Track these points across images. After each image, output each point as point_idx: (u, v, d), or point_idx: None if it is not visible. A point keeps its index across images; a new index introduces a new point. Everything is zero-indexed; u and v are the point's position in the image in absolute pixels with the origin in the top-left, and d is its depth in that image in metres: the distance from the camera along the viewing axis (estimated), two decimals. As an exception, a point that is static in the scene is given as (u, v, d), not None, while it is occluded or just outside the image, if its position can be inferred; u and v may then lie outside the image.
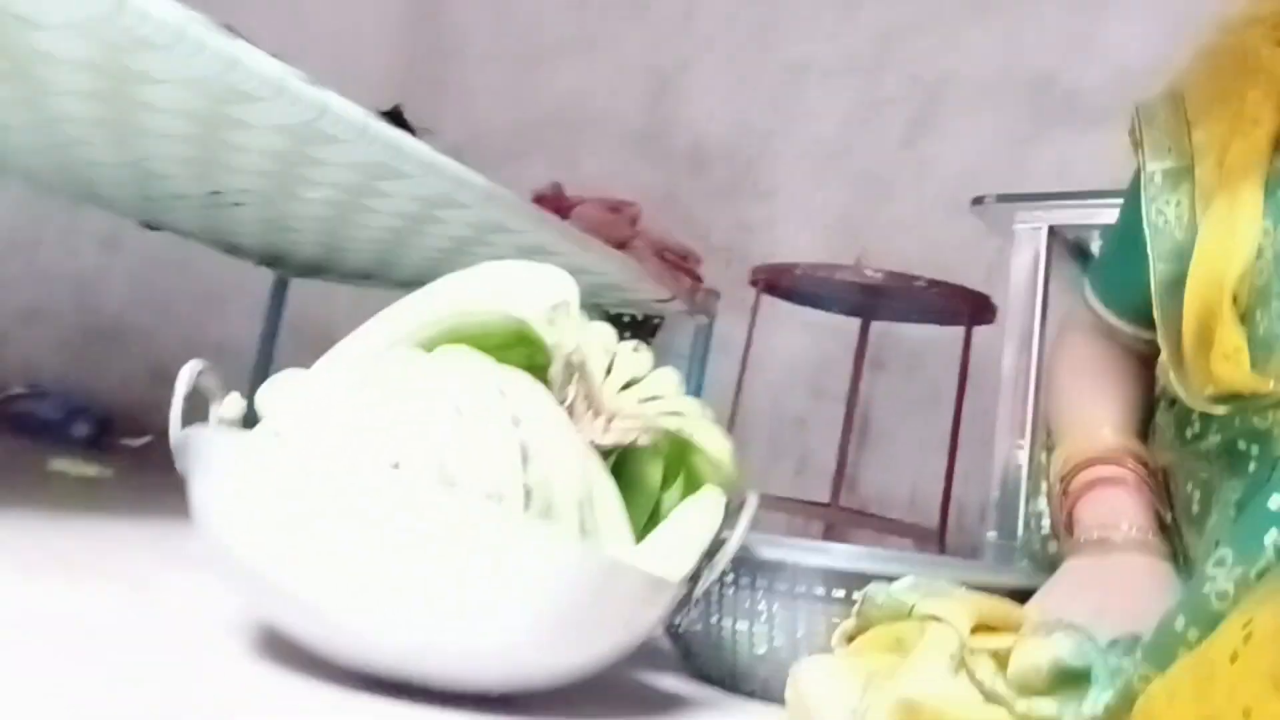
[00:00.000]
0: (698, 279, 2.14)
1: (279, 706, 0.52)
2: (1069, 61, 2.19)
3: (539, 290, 0.67)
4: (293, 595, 0.55)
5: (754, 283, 2.00)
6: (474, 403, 0.55)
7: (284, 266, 2.26)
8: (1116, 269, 0.82)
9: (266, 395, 0.59)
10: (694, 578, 0.65)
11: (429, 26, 3.26)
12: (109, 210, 1.85)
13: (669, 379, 0.72)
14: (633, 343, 0.74)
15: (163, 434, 0.63)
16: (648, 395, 0.70)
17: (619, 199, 2.19)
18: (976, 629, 0.63)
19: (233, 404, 0.62)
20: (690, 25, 2.78)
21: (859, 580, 0.72)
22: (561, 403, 0.63)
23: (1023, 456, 1.65)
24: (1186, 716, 0.47)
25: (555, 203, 2.01)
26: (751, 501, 0.70)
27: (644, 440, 0.65)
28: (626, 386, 0.71)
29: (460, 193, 1.31)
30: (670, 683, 0.83)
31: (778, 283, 1.99)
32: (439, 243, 1.58)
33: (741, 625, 0.81)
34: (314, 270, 2.21)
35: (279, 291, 2.37)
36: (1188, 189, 0.70)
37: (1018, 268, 1.47)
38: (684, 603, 0.64)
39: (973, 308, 1.88)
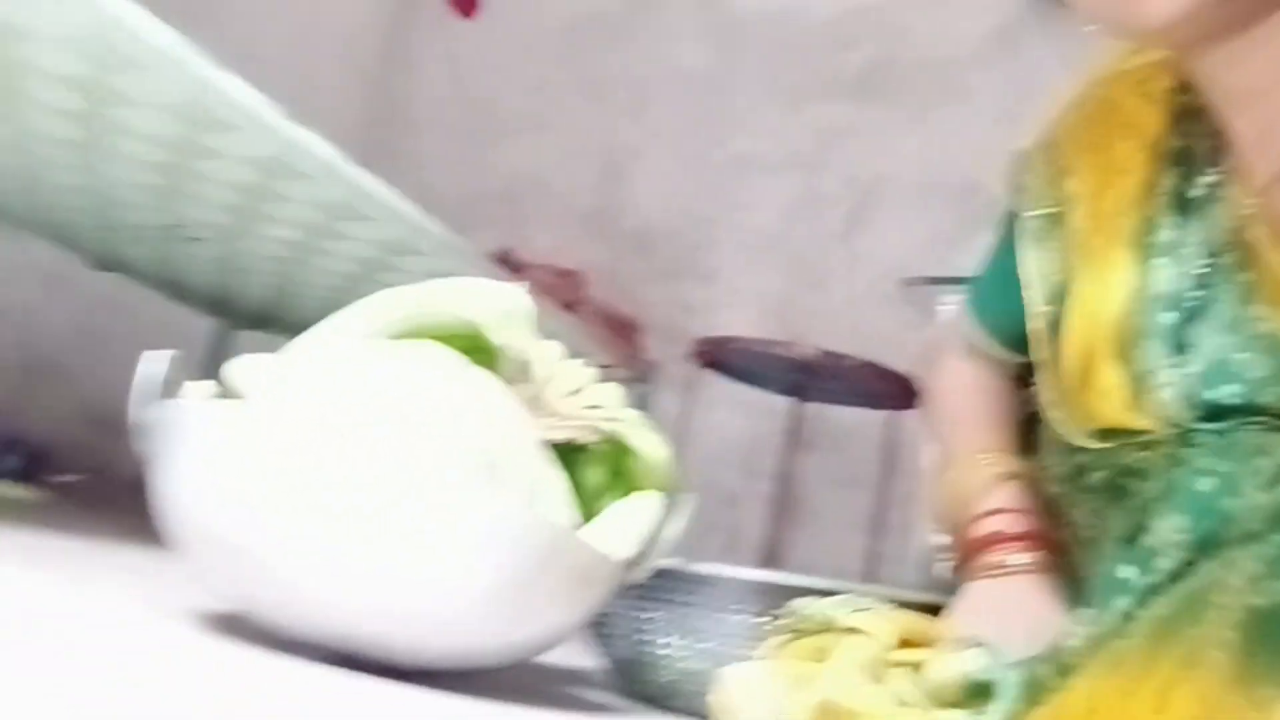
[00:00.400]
0: (641, 348, 2.20)
1: (235, 682, 0.55)
2: (993, 171, 2.34)
3: (493, 300, 0.72)
4: (258, 561, 0.57)
5: (694, 355, 2.07)
6: (435, 379, 0.59)
7: (230, 314, 2.27)
8: (992, 301, 0.86)
9: (232, 371, 0.62)
10: (630, 568, 0.69)
11: (386, 95, 3.35)
12: (60, 242, 1.86)
13: (611, 391, 0.77)
14: (579, 359, 0.79)
15: (96, 472, 0.66)
16: (591, 403, 0.75)
17: (567, 268, 2.26)
18: (899, 644, 0.68)
19: (195, 388, 0.65)
20: (642, 114, 2.91)
21: (788, 596, 0.77)
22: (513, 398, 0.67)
23: (941, 539, 1.72)
24: None
25: (505, 267, 2.07)
26: (688, 502, 0.74)
27: (586, 438, 0.69)
28: (570, 395, 0.75)
29: (419, 240, 1.36)
30: (601, 698, 0.86)
31: (717, 356, 2.06)
32: (390, 292, 1.62)
33: (671, 642, 0.85)
34: (260, 320, 2.23)
35: (221, 343, 2.38)
36: (1061, 234, 0.74)
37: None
38: (620, 591, 0.68)
39: (898, 390, 1.97)
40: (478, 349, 0.70)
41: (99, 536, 1.21)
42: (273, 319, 2.17)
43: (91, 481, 2.15)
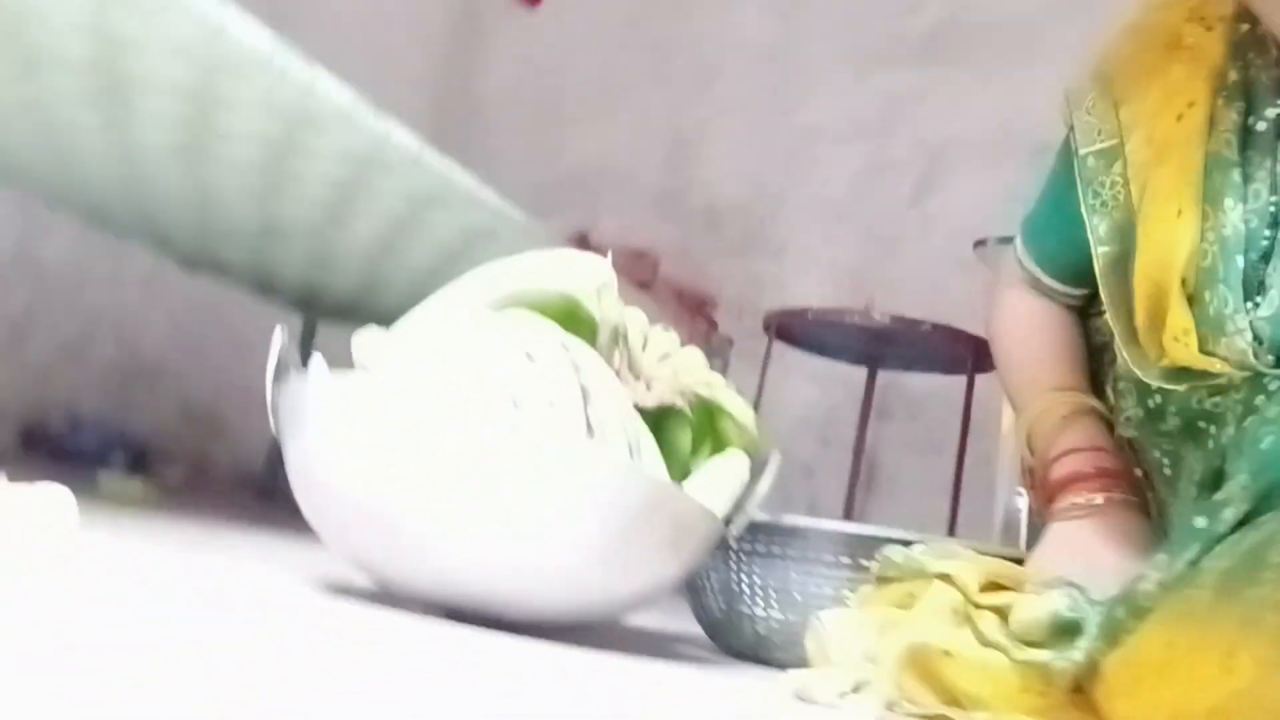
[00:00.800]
0: (714, 324, 2.23)
1: (362, 638, 0.60)
2: (1063, 127, 2.31)
3: (586, 272, 0.76)
4: (384, 522, 0.62)
5: (767, 328, 2.09)
6: (541, 349, 0.64)
7: (315, 309, 2.36)
8: (1050, 235, 0.84)
9: (360, 345, 0.67)
10: (727, 523, 0.73)
11: (458, 90, 3.42)
12: (157, 246, 1.95)
13: (697, 356, 0.81)
14: (664, 326, 0.83)
15: (197, 467, 0.71)
16: (680, 368, 0.79)
17: (640, 248, 2.30)
18: (985, 587, 0.70)
19: (318, 362, 0.71)
20: (708, 89, 2.92)
21: (875, 548, 0.79)
22: (608, 366, 0.72)
23: (1022, 503, 1.71)
24: (1122, 706, 0.56)
25: (581, 248, 2.11)
26: (775, 460, 0.77)
27: (680, 403, 0.73)
28: (660, 360, 0.80)
29: (497, 226, 1.41)
30: (698, 653, 0.90)
31: (789, 327, 2.08)
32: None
33: (762, 594, 0.88)
34: (345, 312, 2.31)
35: (307, 336, 2.47)
36: (1120, 167, 0.73)
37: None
38: (719, 545, 0.72)
39: (974, 353, 1.97)
40: (574, 319, 0.74)
41: (212, 522, 1.28)
42: (358, 311, 2.25)
43: (193, 476, 2.26)
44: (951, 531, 2.06)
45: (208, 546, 0.97)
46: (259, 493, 2.16)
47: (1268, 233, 0.67)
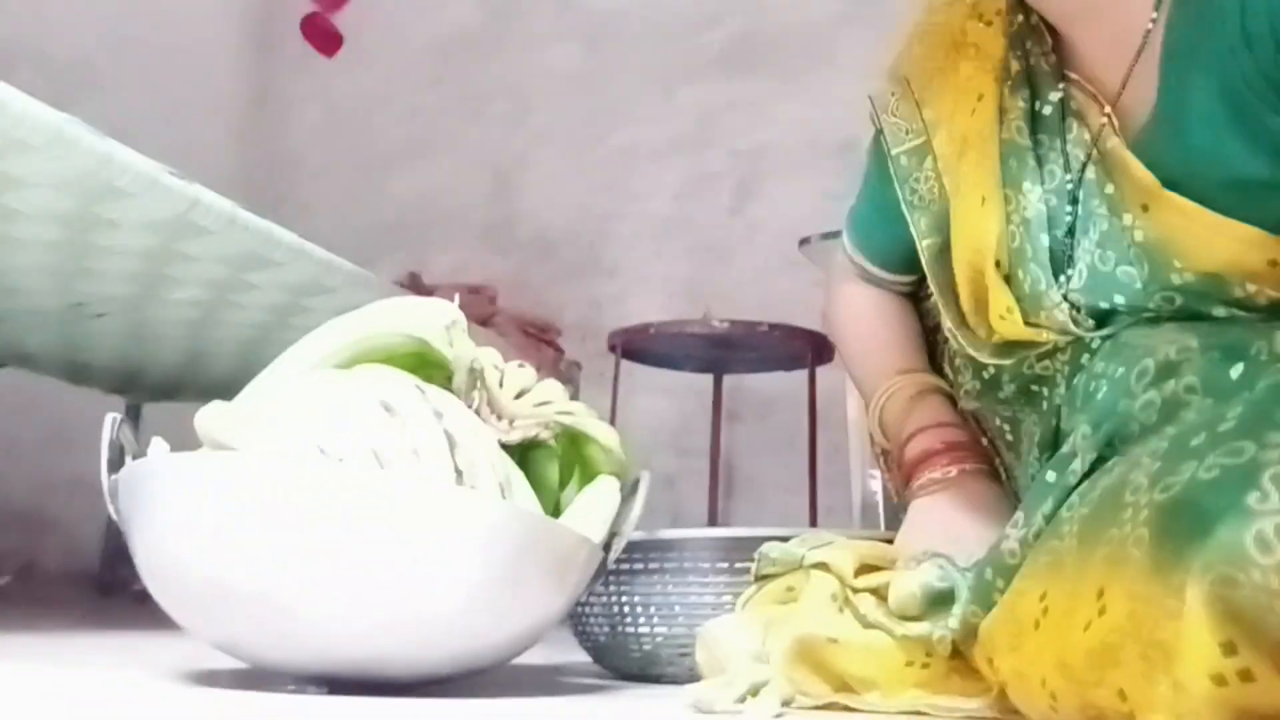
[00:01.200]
0: (559, 350, 2.23)
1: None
2: (868, 125, 2.43)
3: (432, 314, 0.75)
4: (250, 599, 0.59)
5: (612, 348, 2.11)
6: (398, 399, 0.62)
7: (137, 390, 2.23)
8: (874, 230, 0.88)
9: (204, 421, 0.64)
10: (605, 549, 0.73)
11: (263, 143, 3.31)
12: (-48, 343, 1.80)
13: (555, 387, 0.81)
14: (516, 360, 0.83)
15: (23, 572, 0.66)
16: (540, 401, 0.78)
17: (476, 283, 2.28)
18: (859, 570, 0.73)
19: (159, 445, 0.67)
20: (524, 122, 2.93)
21: (747, 548, 0.81)
22: (469, 407, 0.71)
23: (876, 485, 1.78)
24: (1006, 663, 0.59)
25: (414, 290, 2.08)
26: (645, 479, 0.78)
27: (545, 435, 0.73)
28: (519, 396, 0.79)
29: (328, 278, 1.37)
30: (589, 681, 0.89)
31: (633, 344, 2.10)
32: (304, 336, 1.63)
33: (645, 611, 0.88)
34: (169, 390, 2.19)
35: (131, 420, 2.33)
36: (930, 163, 0.77)
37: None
38: (600, 571, 0.71)
39: (813, 348, 2.04)
40: (426, 363, 0.73)
41: (49, 626, 1.19)
42: (184, 388, 2.14)
43: (22, 579, 2.09)
44: (813, 523, 2.12)
45: (47, 652, 0.90)
46: (98, 589, 2.02)
47: (1069, 209, 0.72)
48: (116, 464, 0.66)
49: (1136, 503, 0.51)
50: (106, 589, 1.93)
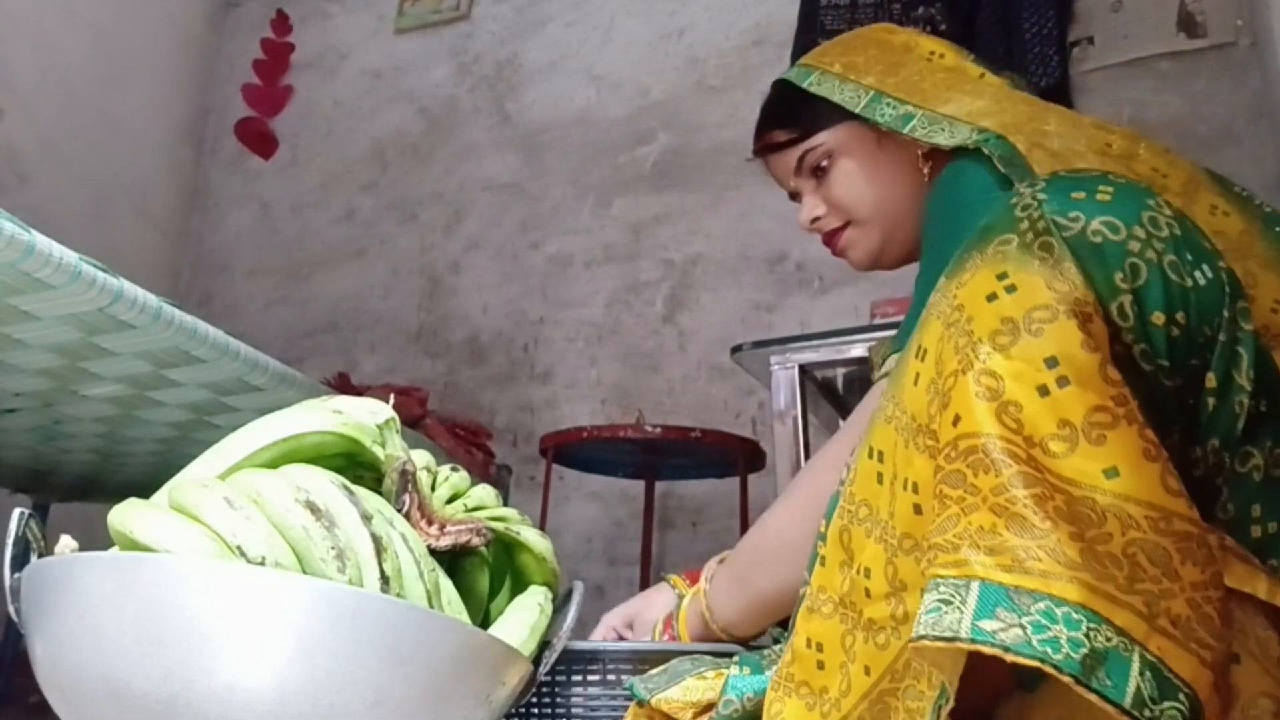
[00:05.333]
0: (490, 454, 2.20)
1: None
2: (796, 238, 2.51)
3: (364, 414, 0.73)
4: (166, 707, 0.55)
5: (543, 452, 2.09)
6: (324, 500, 0.60)
7: (46, 489, 2.13)
8: None
9: (115, 518, 0.61)
10: (536, 662, 0.70)
11: (193, 242, 3.28)
12: None
13: (488, 493, 0.79)
14: (449, 464, 0.81)
15: None
16: (473, 506, 0.77)
17: (405, 385, 2.25)
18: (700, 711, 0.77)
19: (68, 543, 0.64)
20: (456, 228, 2.96)
21: (661, 661, 0.81)
22: (399, 510, 0.69)
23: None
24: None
25: (343, 391, 2.04)
26: (578, 590, 0.76)
27: (477, 541, 0.70)
28: (451, 500, 0.77)
29: (253, 377, 1.34)
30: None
31: (565, 449, 2.09)
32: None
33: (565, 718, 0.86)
34: (80, 490, 2.10)
35: (38, 520, 2.22)
36: None
37: (778, 409, 1.64)
38: (530, 685, 0.69)
39: (745, 455, 2.05)
40: (357, 463, 0.71)
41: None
42: (96, 487, 2.05)
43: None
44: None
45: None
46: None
47: None
48: (20, 561, 0.63)
49: None
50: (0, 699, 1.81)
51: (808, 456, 1.83)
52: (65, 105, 2.83)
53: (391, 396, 0.84)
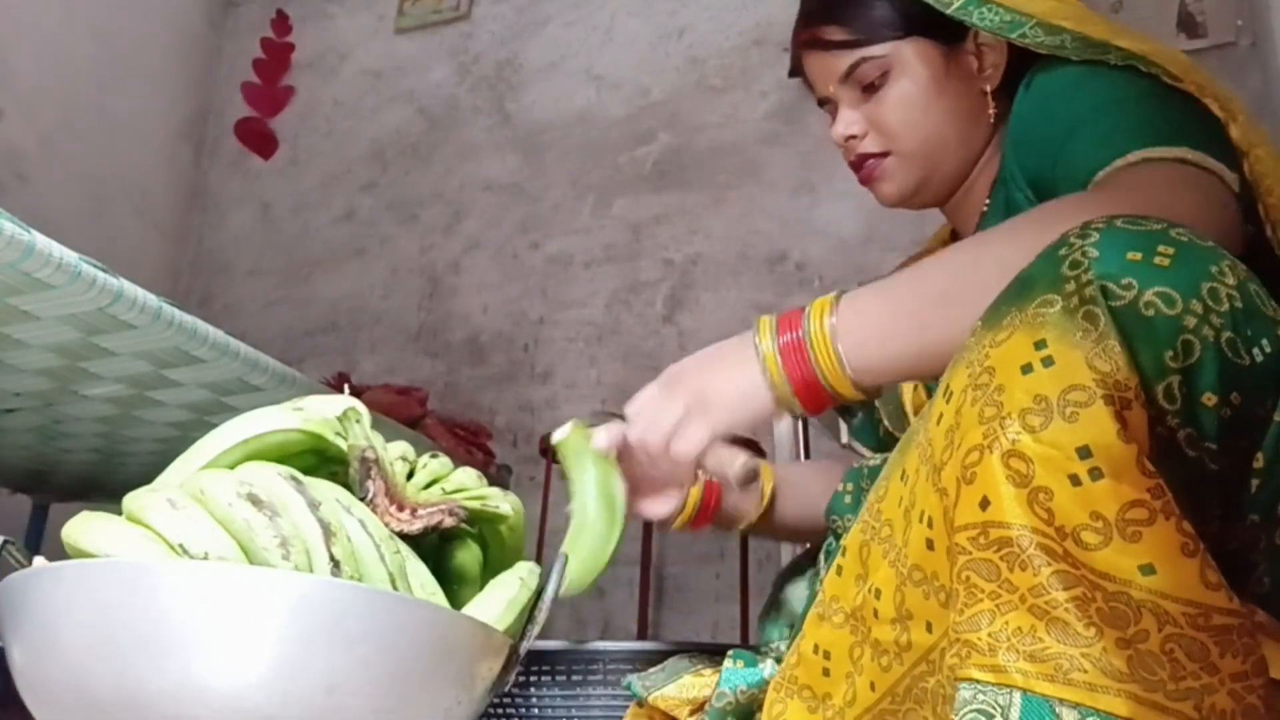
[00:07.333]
0: (490, 454, 2.21)
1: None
2: (795, 238, 2.51)
3: (324, 408, 0.74)
4: (132, 709, 0.55)
5: (544, 451, 2.09)
6: (268, 491, 0.60)
7: (45, 489, 2.14)
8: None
9: (73, 531, 0.61)
10: (519, 638, 0.70)
11: (193, 242, 3.28)
12: None
13: (469, 475, 0.79)
14: (431, 451, 0.81)
15: None
16: (452, 489, 0.77)
17: (405, 386, 2.26)
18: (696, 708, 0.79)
19: (39, 561, 0.64)
20: (456, 228, 2.96)
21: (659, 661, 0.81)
22: (363, 499, 0.69)
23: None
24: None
25: (343, 392, 2.04)
26: (560, 563, 0.76)
27: (449, 521, 0.70)
28: (429, 485, 0.77)
29: (252, 377, 1.35)
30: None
31: (565, 450, 2.08)
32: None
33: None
34: (80, 490, 2.10)
35: (37, 520, 2.22)
36: None
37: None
38: (512, 661, 0.68)
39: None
40: (327, 460, 0.71)
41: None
42: (97, 488, 2.05)
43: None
44: (745, 633, 2.09)
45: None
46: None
47: None
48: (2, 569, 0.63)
49: None
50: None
51: (807, 456, 1.83)
52: (65, 105, 2.83)
53: (346, 386, 0.84)
